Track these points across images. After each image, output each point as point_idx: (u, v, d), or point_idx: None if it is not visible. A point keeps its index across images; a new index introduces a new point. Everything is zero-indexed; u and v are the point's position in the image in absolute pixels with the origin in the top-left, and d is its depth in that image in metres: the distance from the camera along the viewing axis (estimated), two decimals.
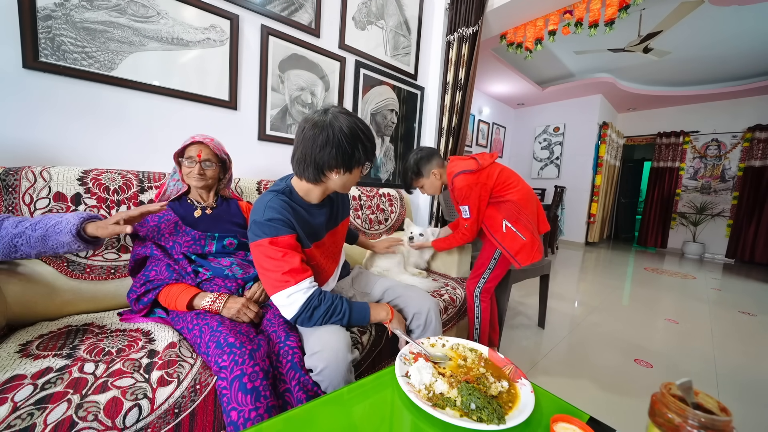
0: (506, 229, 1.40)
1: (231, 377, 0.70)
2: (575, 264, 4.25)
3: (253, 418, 0.67)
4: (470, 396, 0.58)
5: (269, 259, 0.83)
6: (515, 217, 1.39)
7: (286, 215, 0.86)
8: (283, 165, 1.80)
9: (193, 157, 1.05)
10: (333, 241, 1.07)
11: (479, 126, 5.45)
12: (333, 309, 0.85)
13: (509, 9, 2.30)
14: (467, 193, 1.37)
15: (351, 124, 0.84)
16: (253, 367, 0.72)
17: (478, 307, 1.50)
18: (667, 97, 5.30)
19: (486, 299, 1.50)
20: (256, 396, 0.69)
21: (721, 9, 3.11)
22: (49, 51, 1.12)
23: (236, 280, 1.01)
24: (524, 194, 1.42)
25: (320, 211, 0.99)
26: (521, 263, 1.39)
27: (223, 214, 1.13)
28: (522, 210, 1.39)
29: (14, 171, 0.96)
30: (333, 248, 1.08)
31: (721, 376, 1.64)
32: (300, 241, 0.90)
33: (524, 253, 1.38)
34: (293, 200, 0.93)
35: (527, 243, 1.38)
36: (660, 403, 0.45)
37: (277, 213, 0.85)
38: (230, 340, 0.75)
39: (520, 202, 1.39)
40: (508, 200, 1.40)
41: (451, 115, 2.32)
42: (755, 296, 3.18)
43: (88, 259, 1.02)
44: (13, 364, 0.69)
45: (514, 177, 1.45)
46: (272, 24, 1.65)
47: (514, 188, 1.41)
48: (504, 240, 1.40)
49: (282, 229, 0.84)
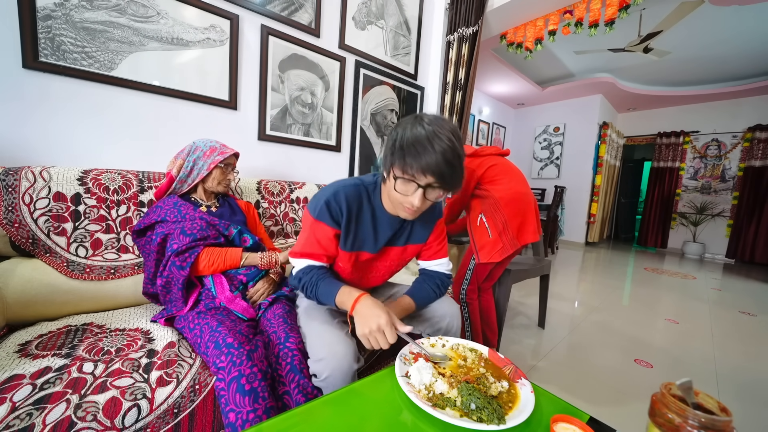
0: (480, 222, 1.43)
1: (229, 378, 0.69)
2: (575, 264, 4.25)
3: (251, 419, 0.66)
4: (470, 396, 0.58)
5: (306, 230, 0.86)
6: (491, 213, 1.41)
7: (343, 209, 0.82)
8: (283, 165, 1.81)
9: (230, 165, 1.13)
10: (383, 258, 0.94)
11: (479, 126, 5.45)
12: (308, 284, 0.83)
13: (509, 9, 2.30)
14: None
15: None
16: (251, 368, 0.71)
17: (465, 309, 1.50)
18: (667, 97, 5.30)
19: (473, 299, 1.50)
20: (254, 397, 0.68)
21: (721, 9, 3.11)
22: (49, 51, 1.12)
23: (237, 276, 1.02)
24: (508, 194, 1.40)
25: (392, 222, 0.88)
26: (480, 259, 1.41)
27: (226, 212, 1.15)
28: (500, 209, 1.40)
29: (14, 171, 0.96)
30: (374, 269, 0.95)
31: (721, 376, 1.63)
32: (338, 238, 0.86)
33: (486, 250, 1.40)
34: (371, 198, 0.87)
35: (491, 241, 1.40)
36: (660, 403, 0.44)
37: (337, 204, 0.82)
38: (228, 341, 0.75)
39: (500, 201, 1.40)
40: (490, 195, 1.41)
41: (451, 115, 2.32)
42: (755, 296, 3.18)
43: (87, 259, 1.02)
44: (12, 364, 0.69)
45: (505, 176, 1.44)
46: (272, 24, 1.65)
47: (498, 185, 1.42)
48: (475, 231, 1.44)
49: (329, 221, 0.82)
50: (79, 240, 1.01)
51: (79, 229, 1.01)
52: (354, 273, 0.92)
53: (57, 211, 0.99)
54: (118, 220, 1.08)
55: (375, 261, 0.93)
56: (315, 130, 1.91)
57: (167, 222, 0.99)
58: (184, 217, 0.99)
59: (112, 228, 1.07)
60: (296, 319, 0.94)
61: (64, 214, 1.00)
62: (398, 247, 0.93)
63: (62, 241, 0.99)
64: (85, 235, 1.02)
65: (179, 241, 0.92)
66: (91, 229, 1.03)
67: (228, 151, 1.11)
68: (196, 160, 1.07)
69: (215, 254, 0.97)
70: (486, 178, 1.42)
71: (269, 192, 1.51)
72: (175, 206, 1.02)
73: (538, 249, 2.37)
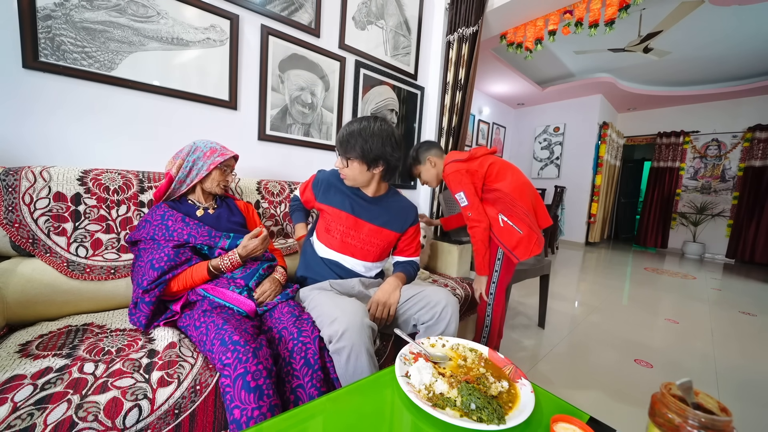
0: (503, 223, 1.39)
1: (235, 375, 0.70)
2: (575, 264, 4.25)
3: (256, 416, 0.67)
4: (470, 396, 0.58)
5: (310, 178, 1.30)
6: (510, 210, 1.38)
7: (325, 180, 1.20)
8: (283, 165, 1.80)
9: (229, 167, 1.13)
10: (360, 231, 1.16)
11: (479, 126, 5.45)
12: (292, 205, 1.39)
13: (509, 9, 2.30)
14: (458, 179, 1.40)
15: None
16: (257, 365, 0.72)
17: (489, 315, 1.48)
18: (667, 97, 5.30)
19: (499, 303, 1.47)
20: (259, 394, 0.69)
21: (721, 9, 3.11)
22: (49, 51, 1.12)
23: (235, 280, 1.01)
24: (517, 186, 1.39)
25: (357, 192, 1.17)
26: (519, 257, 1.37)
27: (224, 214, 1.14)
28: (516, 202, 1.37)
29: (14, 171, 0.96)
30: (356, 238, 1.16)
31: (721, 376, 1.64)
32: (316, 195, 1.20)
33: (522, 247, 1.36)
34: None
35: (524, 236, 1.36)
36: (660, 403, 0.44)
37: (325, 176, 1.22)
38: (235, 338, 0.75)
39: (512, 194, 1.38)
40: (500, 192, 1.39)
41: (451, 115, 2.32)
42: (755, 296, 3.18)
43: (88, 259, 1.02)
44: (12, 364, 0.69)
45: (507, 170, 1.44)
46: (272, 24, 1.65)
47: (504, 179, 1.40)
48: (501, 235, 1.39)
49: (313, 184, 1.24)
50: (79, 240, 1.01)
51: (79, 229, 1.01)
52: (337, 232, 1.14)
53: (57, 211, 0.99)
54: (119, 220, 1.08)
55: (353, 230, 1.14)
56: (315, 130, 1.91)
57: (155, 240, 0.97)
58: (172, 235, 0.97)
59: (112, 228, 1.07)
60: (303, 313, 0.99)
61: (64, 214, 1.00)
62: (374, 225, 1.15)
63: (62, 241, 0.99)
64: (85, 235, 1.02)
65: (149, 276, 0.89)
66: (92, 229, 1.03)
67: (228, 153, 1.11)
68: (196, 160, 1.07)
69: (182, 277, 0.95)
70: (490, 176, 1.41)
71: (269, 192, 1.51)
72: (163, 221, 0.99)
73: None
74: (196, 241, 1.00)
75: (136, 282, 0.91)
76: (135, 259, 1.00)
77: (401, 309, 1.08)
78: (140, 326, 0.89)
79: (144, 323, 0.89)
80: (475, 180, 1.41)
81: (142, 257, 0.95)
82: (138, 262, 0.96)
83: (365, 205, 1.15)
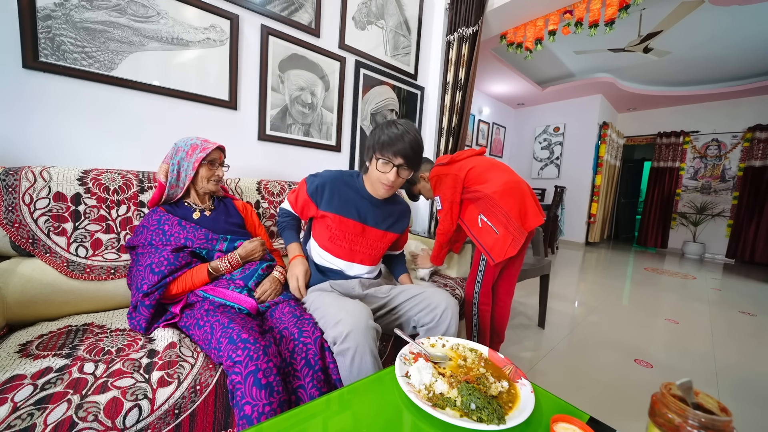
0: (482, 223, 1.40)
1: (246, 372, 0.70)
2: (575, 264, 4.25)
3: (267, 412, 0.69)
4: (470, 396, 0.58)
5: (297, 186, 1.20)
6: (489, 210, 1.38)
7: (318, 183, 1.11)
8: (283, 165, 1.81)
9: (216, 161, 1.08)
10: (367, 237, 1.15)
11: (479, 126, 5.45)
12: (281, 222, 1.24)
13: (509, 9, 2.30)
14: (437, 183, 1.47)
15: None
16: (267, 363, 0.73)
17: (476, 314, 1.48)
18: (667, 97, 5.30)
19: (487, 303, 1.47)
20: (270, 391, 0.70)
21: (721, 9, 3.11)
22: (49, 51, 1.12)
23: (234, 281, 1.01)
24: (500, 187, 1.36)
25: (374, 202, 1.14)
26: (495, 259, 1.36)
27: (221, 215, 1.13)
28: (497, 204, 1.36)
29: (14, 171, 0.96)
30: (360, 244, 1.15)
31: (721, 376, 1.64)
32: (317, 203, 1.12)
33: (497, 248, 1.36)
34: (353, 181, 1.14)
35: (500, 237, 1.35)
36: (660, 403, 0.44)
37: (316, 179, 1.13)
38: (244, 336, 0.76)
39: (494, 196, 1.35)
40: (482, 194, 1.38)
41: (451, 115, 2.32)
42: (755, 296, 3.18)
43: (88, 259, 1.02)
44: (12, 364, 0.69)
45: (491, 172, 1.41)
46: (272, 24, 1.65)
47: (486, 182, 1.39)
48: (480, 235, 1.41)
49: (307, 187, 1.13)
50: (79, 240, 1.01)
51: (79, 229, 1.01)
52: (344, 240, 1.12)
53: (57, 211, 0.99)
54: (118, 220, 1.08)
55: (360, 237, 1.13)
56: (315, 130, 1.91)
57: (153, 245, 0.97)
58: (169, 240, 0.97)
59: (112, 228, 1.07)
60: (304, 313, 0.98)
61: (64, 214, 1.00)
62: (380, 230, 1.16)
63: (62, 241, 0.99)
64: (85, 235, 1.02)
65: (149, 281, 0.89)
66: (91, 229, 1.03)
67: (210, 145, 1.06)
68: (180, 161, 1.04)
69: (182, 280, 0.95)
70: (471, 180, 1.41)
71: (269, 192, 1.51)
72: (160, 226, 0.99)
73: (538, 249, 2.37)
74: (193, 244, 1.00)
75: (135, 286, 0.91)
76: (132, 264, 0.99)
77: (402, 309, 1.07)
78: (140, 330, 0.89)
79: (144, 326, 0.89)
80: (456, 184, 1.42)
81: (141, 262, 0.94)
82: (136, 267, 0.96)
83: (372, 208, 1.14)
